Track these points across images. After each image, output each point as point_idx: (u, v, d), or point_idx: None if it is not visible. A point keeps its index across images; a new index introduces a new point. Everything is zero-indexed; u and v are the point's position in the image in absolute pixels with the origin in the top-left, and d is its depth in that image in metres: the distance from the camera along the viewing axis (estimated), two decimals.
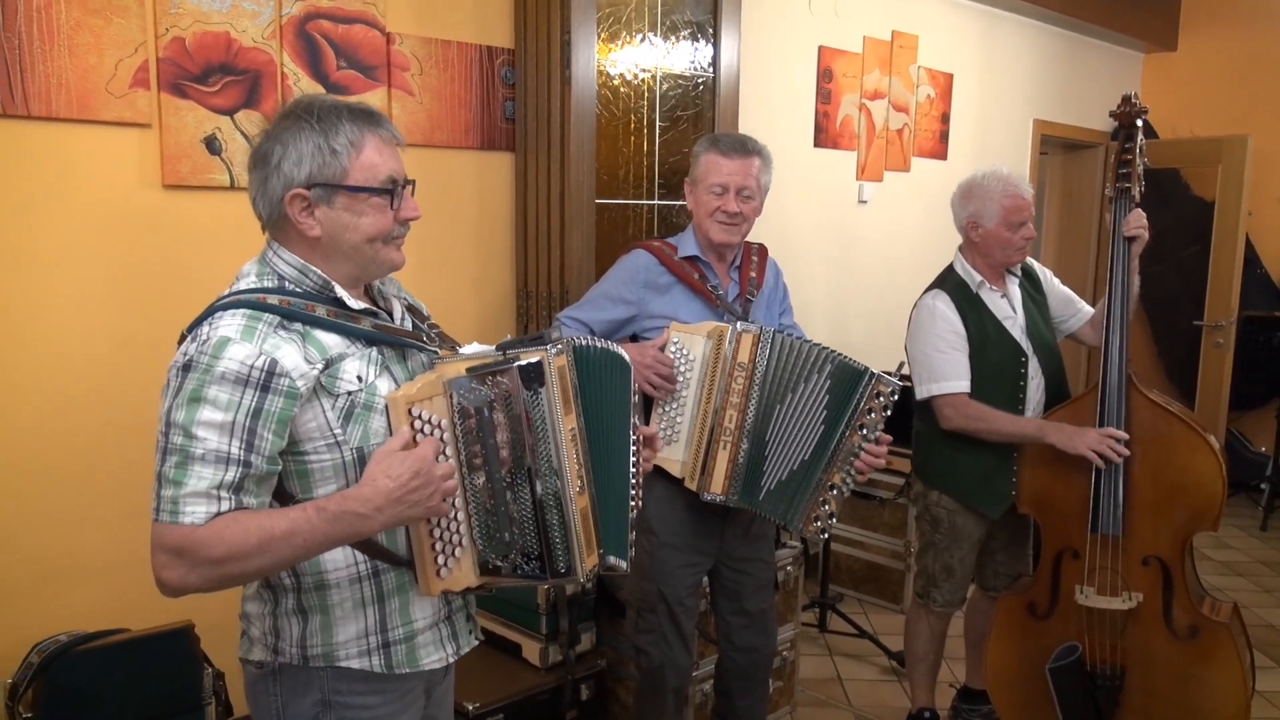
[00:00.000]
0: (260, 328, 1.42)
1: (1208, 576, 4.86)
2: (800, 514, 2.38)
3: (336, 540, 1.42)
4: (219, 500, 1.37)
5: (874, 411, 2.33)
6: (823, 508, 2.37)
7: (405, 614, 1.58)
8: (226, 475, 1.37)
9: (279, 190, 1.48)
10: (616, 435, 1.67)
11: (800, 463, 2.38)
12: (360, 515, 1.39)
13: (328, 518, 1.38)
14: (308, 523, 1.38)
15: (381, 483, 1.39)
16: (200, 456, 1.37)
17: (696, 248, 2.59)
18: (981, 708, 3.31)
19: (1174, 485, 2.72)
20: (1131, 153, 2.81)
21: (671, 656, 2.61)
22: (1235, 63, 6.44)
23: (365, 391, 1.50)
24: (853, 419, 2.34)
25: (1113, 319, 2.79)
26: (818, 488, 2.36)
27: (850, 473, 2.35)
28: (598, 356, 1.65)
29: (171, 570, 1.37)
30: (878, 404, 2.32)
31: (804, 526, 2.38)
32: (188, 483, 1.36)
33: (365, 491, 1.39)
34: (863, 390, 2.33)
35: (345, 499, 1.40)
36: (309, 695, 1.55)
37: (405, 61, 3.01)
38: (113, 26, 2.44)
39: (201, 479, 1.37)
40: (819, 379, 2.36)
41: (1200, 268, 6.10)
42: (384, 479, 1.39)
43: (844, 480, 2.35)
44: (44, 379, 2.44)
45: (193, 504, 1.36)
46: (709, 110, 3.57)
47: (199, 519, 1.36)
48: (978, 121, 5.57)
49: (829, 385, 2.36)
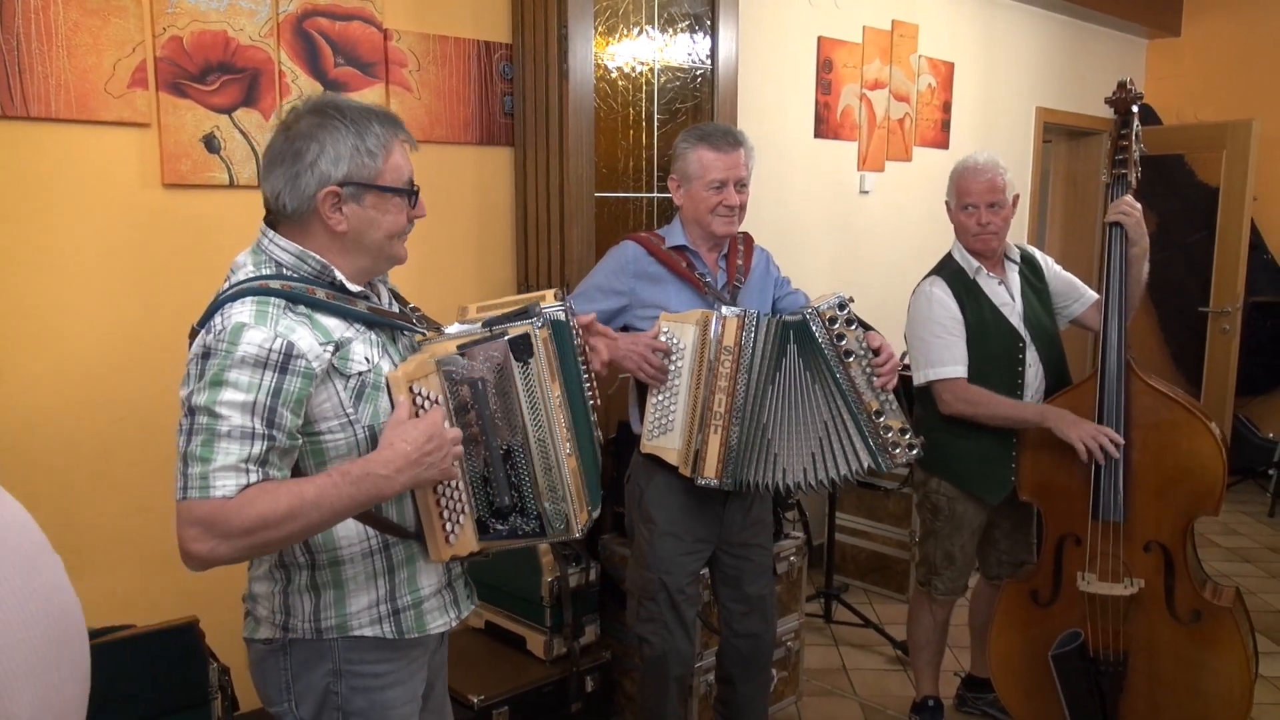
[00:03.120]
0: (271, 311, 1.49)
1: (1215, 563, 4.86)
2: (880, 453, 2.41)
3: (360, 503, 1.48)
4: (247, 473, 1.43)
5: (845, 336, 2.36)
6: (888, 435, 2.39)
7: (413, 583, 1.66)
8: (253, 449, 1.43)
9: (313, 186, 1.55)
10: (580, 391, 1.76)
11: (823, 425, 2.41)
12: (383, 476, 1.47)
13: (352, 479, 1.46)
14: (334, 486, 1.45)
15: (399, 446, 1.48)
16: (226, 433, 1.42)
17: (684, 238, 2.61)
18: (986, 695, 3.32)
19: (1175, 470, 2.72)
20: (1128, 139, 2.81)
21: (674, 645, 2.62)
22: (1239, 48, 6.41)
23: (374, 372, 1.58)
24: (836, 355, 2.37)
25: (1111, 305, 2.79)
26: (869, 425, 2.39)
27: (880, 393, 2.38)
28: (559, 324, 1.72)
29: (201, 543, 1.41)
30: (840, 327, 2.36)
31: (892, 460, 2.41)
32: (216, 458, 1.41)
33: (385, 454, 1.48)
34: (816, 330, 2.37)
35: (368, 462, 1.49)
36: (321, 666, 1.62)
37: (403, 58, 3.02)
38: (110, 27, 2.45)
39: (229, 454, 1.42)
40: (789, 345, 2.41)
41: (1206, 254, 6.07)
42: (401, 443, 1.49)
43: (884, 402, 2.38)
44: (45, 379, 2.46)
45: (223, 477, 1.41)
46: (708, 103, 3.57)
47: (230, 491, 1.41)
48: (980, 110, 5.55)
49: (795, 347, 2.40)
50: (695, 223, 2.60)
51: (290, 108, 1.63)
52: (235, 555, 1.43)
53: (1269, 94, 6.25)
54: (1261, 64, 6.30)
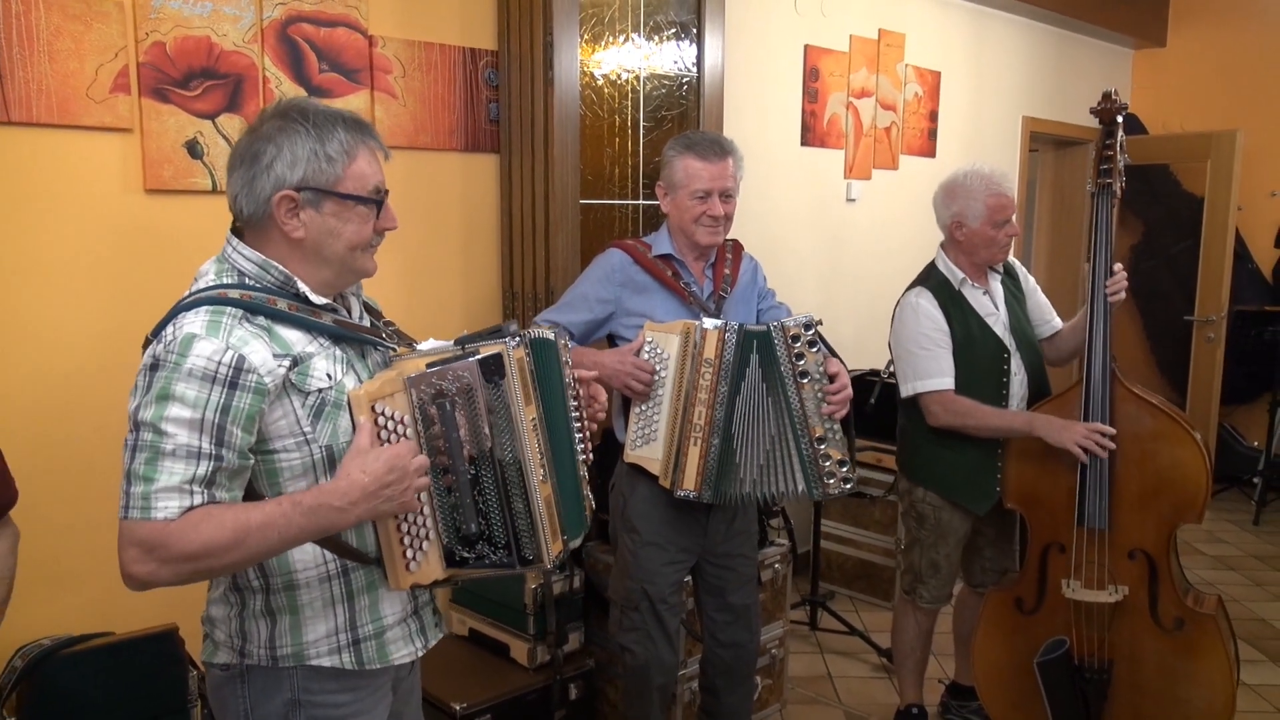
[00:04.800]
0: (225, 321, 1.43)
1: (1200, 570, 4.87)
2: (812, 481, 2.36)
3: (311, 534, 1.42)
4: (191, 494, 1.37)
5: (804, 356, 2.32)
6: (825, 464, 2.36)
7: (375, 611, 1.59)
8: (198, 470, 1.38)
9: (268, 190, 1.49)
10: (564, 417, 1.69)
11: (770, 439, 2.38)
12: (336, 509, 1.40)
13: (304, 510, 1.39)
14: (283, 516, 1.39)
15: (356, 477, 1.41)
16: (170, 452, 1.37)
17: (671, 246, 2.61)
18: (971, 703, 3.32)
19: (1159, 478, 2.73)
20: (1113, 148, 2.82)
21: (656, 654, 2.61)
22: (1224, 58, 6.45)
23: (335, 389, 1.51)
24: (792, 373, 2.33)
25: (1095, 314, 2.80)
26: (810, 450, 2.35)
27: (827, 421, 2.34)
28: (547, 346, 1.66)
29: (141, 565, 1.36)
30: (802, 346, 2.32)
31: (825, 490, 2.37)
32: (159, 478, 1.36)
33: (341, 485, 1.41)
34: (777, 344, 2.33)
35: (321, 493, 1.41)
36: (278, 695, 1.56)
37: (388, 64, 3.01)
38: (93, 32, 2.44)
39: (173, 474, 1.37)
40: (750, 356, 2.37)
41: (1191, 263, 6.10)
42: (359, 474, 1.41)
43: (830, 430, 2.34)
44: (26, 385, 2.45)
45: (164, 499, 1.36)
46: (694, 110, 3.58)
47: (171, 514, 1.36)
48: (967, 119, 5.57)
49: (757, 359, 2.37)
50: (681, 231, 2.59)
51: (261, 110, 1.60)
52: (177, 579, 1.38)
53: (1253, 104, 6.29)
54: (1246, 74, 6.34)
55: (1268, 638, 4.08)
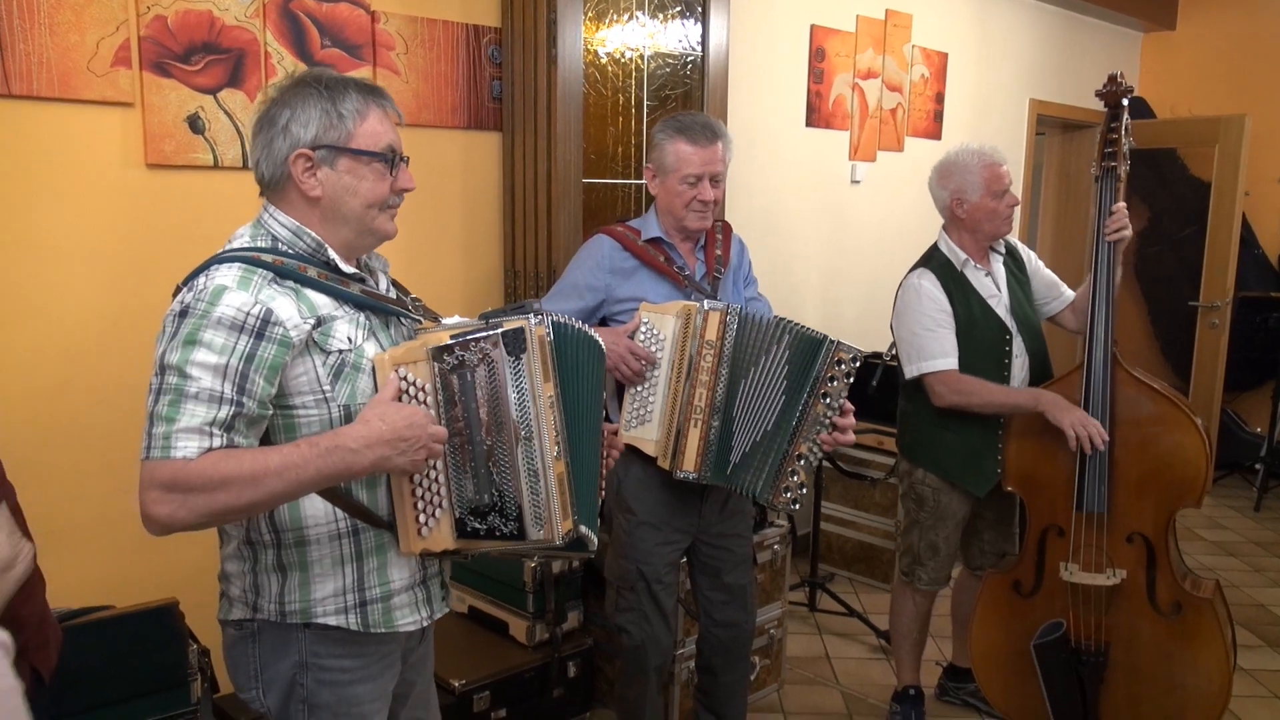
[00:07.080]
0: (255, 279, 1.49)
1: (1200, 556, 4.88)
2: (768, 485, 2.36)
3: (326, 476, 1.46)
4: (211, 436, 1.41)
5: (836, 379, 2.31)
6: (791, 478, 2.35)
7: (383, 574, 1.62)
8: (219, 413, 1.42)
9: (284, 150, 1.55)
10: (591, 415, 1.72)
11: (763, 433, 2.37)
12: (351, 450, 1.45)
13: (320, 451, 1.44)
14: (300, 456, 1.43)
15: (375, 425, 1.47)
16: (194, 395, 1.41)
17: (660, 230, 2.59)
18: (968, 685, 3.33)
19: (1158, 462, 2.73)
20: (1117, 132, 2.81)
21: (652, 634, 2.62)
22: (1234, 42, 6.41)
23: (354, 352, 1.56)
24: (815, 388, 2.32)
25: (1098, 297, 2.79)
26: (784, 458, 2.35)
27: (817, 443, 2.33)
28: (575, 335, 1.69)
29: (162, 505, 1.39)
30: (840, 371, 2.30)
31: (773, 498, 2.37)
32: (180, 419, 1.40)
33: (358, 429, 1.47)
34: (823, 359, 2.31)
35: (338, 434, 1.47)
36: (287, 658, 1.60)
37: (390, 40, 3.00)
38: (94, 4, 2.43)
39: (195, 416, 1.40)
40: (778, 350, 2.35)
41: (1197, 248, 6.07)
42: (378, 422, 1.47)
43: (811, 450, 2.34)
44: (27, 359, 2.45)
45: (185, 439, 1.40)
46: (698, 89, 3.56)
47: (191, 453, 1.39)
48: (973, 101, 5.54)
49: (788, 356, 2.34)
50: (669, 214, 2.58)
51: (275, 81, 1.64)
52: (195, 520, 1.41)
53: (1262, 89, 6.25)
54: (1255, 59, 6.30)
55: (1266, 623, 4.09)
